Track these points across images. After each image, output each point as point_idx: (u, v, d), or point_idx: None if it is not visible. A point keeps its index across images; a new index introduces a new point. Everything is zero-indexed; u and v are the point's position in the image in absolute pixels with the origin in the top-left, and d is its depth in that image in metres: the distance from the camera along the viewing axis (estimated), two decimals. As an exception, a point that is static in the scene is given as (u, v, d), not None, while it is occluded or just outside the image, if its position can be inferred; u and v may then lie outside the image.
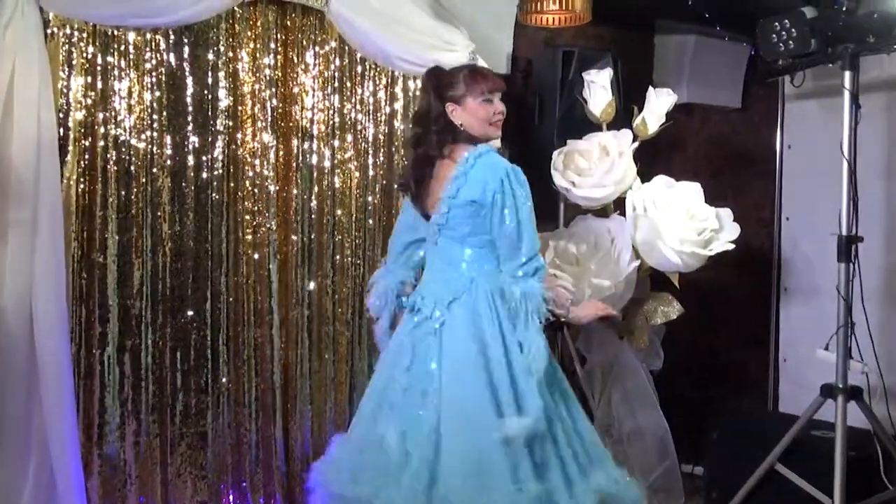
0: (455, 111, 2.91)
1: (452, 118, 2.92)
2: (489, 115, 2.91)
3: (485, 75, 2.97)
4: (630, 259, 3.80)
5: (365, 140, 3.98)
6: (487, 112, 2.90)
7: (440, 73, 3.02)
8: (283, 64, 3.79)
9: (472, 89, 2.90)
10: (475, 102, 2.90)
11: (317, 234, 3.90)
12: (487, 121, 2.91)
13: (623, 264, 3.79)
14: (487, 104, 2.91)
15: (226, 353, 3.73)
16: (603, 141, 3.92)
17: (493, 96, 2.92)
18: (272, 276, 3.78)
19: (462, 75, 2.96)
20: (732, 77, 5.00)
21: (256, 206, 3.75)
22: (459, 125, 2.92)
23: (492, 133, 2.96)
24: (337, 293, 3.94)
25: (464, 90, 2.91)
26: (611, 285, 3.75)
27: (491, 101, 2.92)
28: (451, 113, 2.92)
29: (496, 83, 2.95)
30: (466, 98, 2.90)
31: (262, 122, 3.74)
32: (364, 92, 3.97)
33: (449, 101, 2.92)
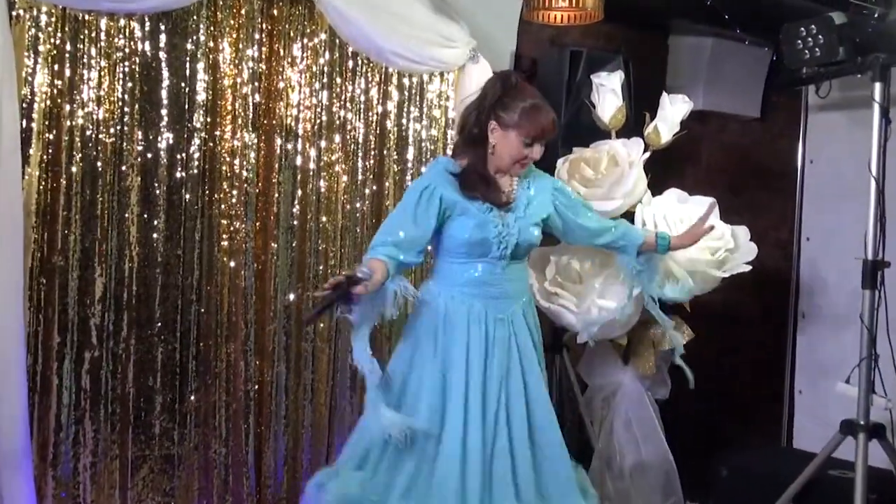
0: (496, 131, 3.05)
1: (489, 135, 3.06)
2: (521, 156, 3.05)
3: (542, 122, 3.06)
4: (638, 278, 3.81)
5: (354, 141, 3.98)
6: (521, 153, 3.05)
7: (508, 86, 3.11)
8: (267, 56, 3.78)
9: (523, 127, 3.03)
10: (518, 139, 3.03)
11: (299, 242, 3.89)
12: (516, 160, 3.06)
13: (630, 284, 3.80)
14: (527, 147, 3.05)
15: (195, 369, 3.71)
16: (612, 149, 3.93)
17: (535, 142, 3.05)
18: (248, 287, 3.77)
19: (522, 108, 3.04)
20: (752, 84, 5.03)
21: (234, 210, 3.74)
22: (492, 144, 3.06)
23: (512, 171, 3.11)
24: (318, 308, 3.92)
25: (516, 121, 3.03)
26: (616, 306, 3.75)
27: (531, 146, 3.05)
28: (490, 131, 3.06)
29: (546, 133, 3.06)
30: (512, 130, 3.03)
31: (243, 118, 3.74)
32: (355, 89, 3.96)
33: (496, 119, 3.05)
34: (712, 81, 4.87)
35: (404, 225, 3.00)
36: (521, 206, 3.12)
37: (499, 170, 3.11)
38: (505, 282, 3.10)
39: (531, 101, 3.07)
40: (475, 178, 3.06)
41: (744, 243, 3.91)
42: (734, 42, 4.85)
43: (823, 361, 4.58)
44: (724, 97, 4.96)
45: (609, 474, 4.03)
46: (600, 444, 4.07)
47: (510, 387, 3.03)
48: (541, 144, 3.07)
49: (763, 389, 5.09)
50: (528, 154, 3.05)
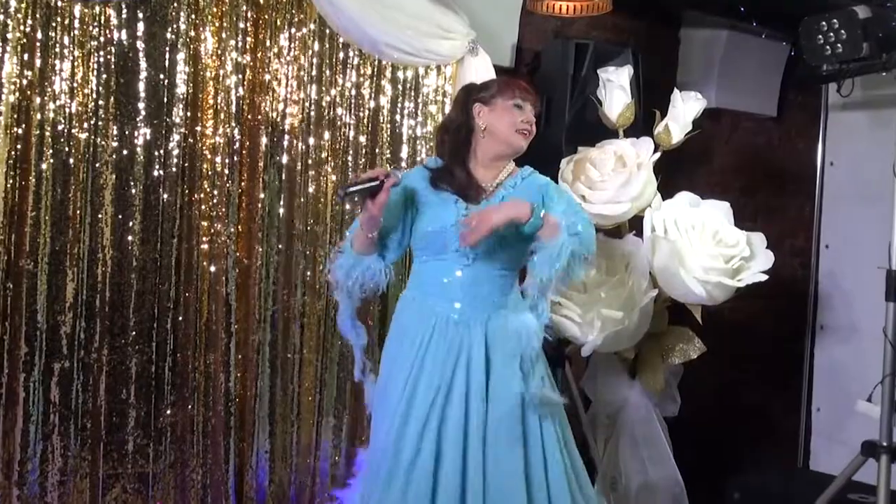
0: (482, 112, 3.08)
1: (478, 120, 3.07)
2: (516, 120, 3.05)
3: (521, 83, 3.15)
4: (646, 288, 3.82)
5: (345, 138, 3.98)
6: (515, 117, 3.05)
7: (472, 83, 3.27)
8: (252, 47, 3.78)
9: (504, 91, 3.08)
10: (505, 104, 3.06)
11: (285, 245, 3.89)
12: (514, 126, 3.05)
13: (638, 294, 3.81)
14: (517, 110, 3.06)
15: (171, 382, 3.69)
16: (619, 150, 3.94)
17: (525, 104, 3.07)
18: (230, 293, 3.77)
19: (497, 80, 3.20)
20: (768, 81, 5.06)
21: (215, 211, 3.73)
22: (483, 128, 3.06)
23: (516, 141, 3.06)
24: (306, 315, 3.93)
25: (495, 91, 3.09)
26: (623, 317, 3.77)
27: (521, 109, 3.07)
28: (477, 115, 3.08)
29: (530, 93, 3.11)
30: (496, 98, 3.07)
31: (226, 113, 3.73)
32: (346, 83, 3.96)
33: (477, 101, 3.09)
34: (726, 77, 4.88)
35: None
36: (496, 199, 3.05)
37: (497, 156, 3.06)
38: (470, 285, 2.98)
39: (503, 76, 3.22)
40: (449, 170, 3.07)
41: (760, 251, 3.93)
42: (750, 35, 4.86)
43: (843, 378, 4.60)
44: (739, 94, 4.97)
45: (614, 497, 4.04)
46: (604, 465, 4.08)
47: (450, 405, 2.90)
48: (531, 107, 3.08)
49: (778, 407, 5.10)
50: (523, 117, 3.05)
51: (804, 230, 5.12)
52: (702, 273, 3.76)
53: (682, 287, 3.79)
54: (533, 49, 4.48)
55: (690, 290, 3.78)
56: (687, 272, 3.76)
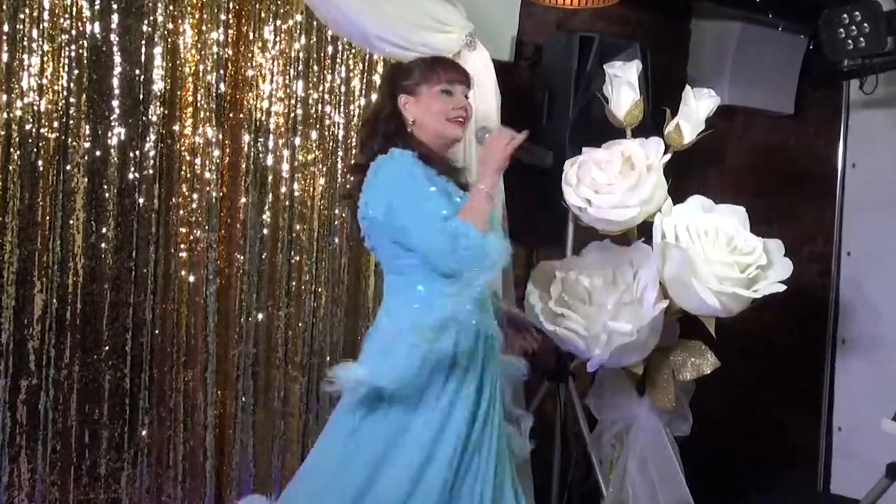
0: (408, 104, 3.01)
1: (405, 113, 3.01)
2: (446, 108, 3.00)
3: (445, 63, 3.11)
4: (656, 299, 3.84)
5: (334, 138, 4.03)
6: (445, 105, 3.00)
7: (397, 66, 3.20)
8: (234, 40, 3.82)
9: (429, 77, 3.02)
10: (431, 91, 3.00)
11: (269, 253, 3.93)
12: (444, 115, 2.99)
13: (647, 305, 3.83)
14: (446, 96, 3.01)
15: (147, 400, 3.73)
16: (627, 150, 3.96)
17: (453, 87, 3.02)
18: (210, 305, 3.80)
19: (419, 62, 3.10)
20: (785, 76, 5.09)
21: (194, 217, 3.78)
22: (412, 122, 3.00)
23: (449, 131, 3.01)
24: (291, 328, 3.97)
25: (419, 78, 3.03)
26: (631, 330, 3.79)
27: (451, 94, 3.02)
28: (403, 107, 3.01)
29: (459, 73, 3.07)
30: (421, 87, 3.01)
31: (206, 111, 3.78)
32: (335, 79, 4.02)
33: (402, 91, 3.03)
34: (740, 72, 4.92)
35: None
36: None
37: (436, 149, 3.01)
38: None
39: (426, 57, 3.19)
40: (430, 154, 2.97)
41: (778, 259, 3.94)
42: (765, 28, 4.90)
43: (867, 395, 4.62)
44: (754, 90, 5.01)
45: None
46: (611, 489, 4.09)
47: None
48: (463, 88, 3.04)
49: (797, 426, 5.12)
50: (454, 104, 3.00)
51: (824, 236, 5.15)
52: (716, 283, 3.77)
53: (694, 298, 3.80)
54: (534, 42, 4.52)
55: (703, 302, 3.79)
56: (700, 282, 3.77)
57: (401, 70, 3.12)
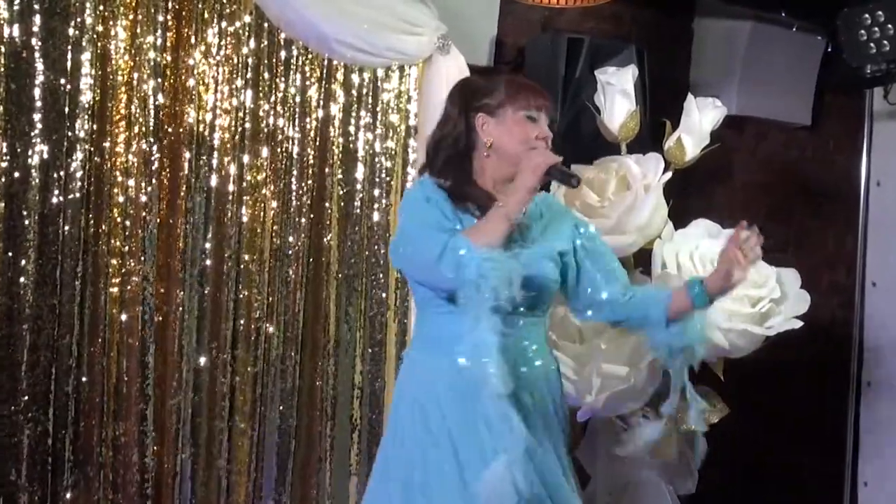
0: (487, 125, 3.08)
1: (482, 134, 3.09)
2: (530, 136, 3.07)
3: (532, 87, 3.17)
4: (656, 337, 3.89)
5: (287, 156, 4.06)
6: (529, 131, 3.07)
7: (472, 80, 3.30)
8: (174, 44, 3.85)
9: (515, 99, 3.09)
10: (516, 115, 3.08)
11: (213, 287, 3.95)
12: (527, 143, 3.06)
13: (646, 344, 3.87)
14: (531, 123, 3.09)
15: (72, 458, 3.72)
16: (622, 168, 4.00)
17: (539, 115, 3.10)
18: (145, 347, 3.81)
19: (505, 80, 3.17)
20: (801, 82, 5.13)
21: (127, 246, 3.79)
22: (488, 144, 3.08)
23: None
24: (238, 374, 3.98)
25: (503, 98, 3.10)
26: (628, 373, 3.83)
27: (535, 121, 3.10)
28: (480, 127, 3.09)
29: (546, 100, 3.14)
30: (506, 108, 3.09)
31: (142, 125, 3.79)
32: (288, 88, 4.05)
33: (481, 110, 3.10)
34: (750, 78, 4.97)
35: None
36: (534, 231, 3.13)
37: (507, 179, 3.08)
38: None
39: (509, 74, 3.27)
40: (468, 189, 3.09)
41: (793, 291, 3.99)
42: (778, 27, 4.96)
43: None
44: (766, 99, 5.06)
45: None
46: (607, 555, 4.13)
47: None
48: (546, 117, 3.11)
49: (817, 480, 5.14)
50: (538, 133, 3.07)
51: (846, 264, 5.20)
52: (723, 319, 3.81)
53: None
54: (515, 45, 4.56)
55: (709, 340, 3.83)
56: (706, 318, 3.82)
57: (478, 86, 3.19)
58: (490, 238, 2.88)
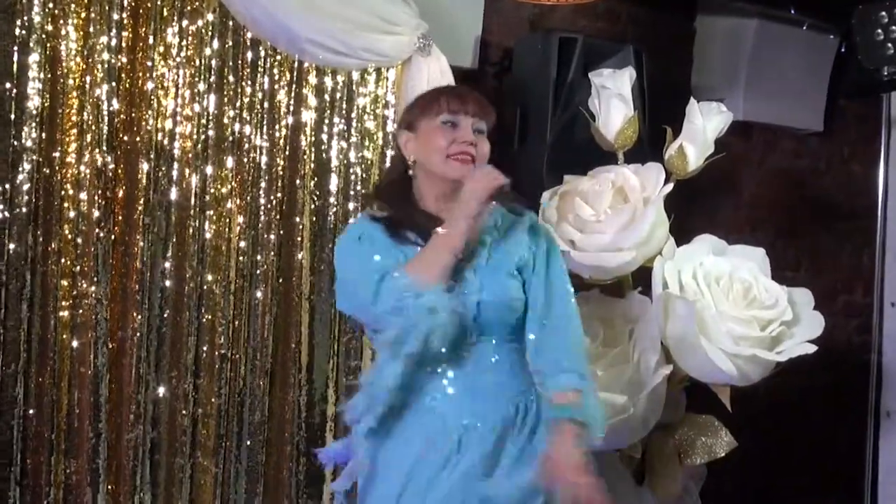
0: (409, 142, 3.10)
1: (405, 153, 3.10)
2: (446, 143, 3.04)
3: (453, 90, 3.20)
4: (657, 364, 3.89)
5: (254, 166, 4.08)
6: (444, 139, 3.04)
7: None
8: (130, 45, 3.87)
9: (429, 106, 3.09)
10: (430, 125, 3.07)
11: (173, 311, 3.96)
12: (444, 151, 3.04)
13: (646, 371, 3.88)
14: (448, 128, 3.06)
15: (19, 498, 3.70)
16: (619, 179, 4.01)
17: (458, 118, 3.07)
18: (99, 377, 3.81)
19: (423, 94, 3.20)
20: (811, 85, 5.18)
21: (79, 266, 3.79)
22: (412, 162, 3.09)
23: (451, 172, 3.05)
24: (201, 405, 4.00)
25: (418, 110, 3.11)
26: (627, 403, 3.84)
27: (454, 125, 3.06)
28: (404, 145, 3.11)
29: (466, 102, 3.10)
30: (420, 120, 3.09)
31: (95, 134, 3.80)
32: (255, 92, 4.08)
33: (402, 128, 3.13)
34: (757, 81, 5.02)
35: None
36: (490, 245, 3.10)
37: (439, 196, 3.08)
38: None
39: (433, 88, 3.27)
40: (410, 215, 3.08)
41: (806, 312, 4.00)
42: (787, 26, 5.02)
43: (918, 478, 4.69)
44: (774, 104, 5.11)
45: None
46: None
47: None
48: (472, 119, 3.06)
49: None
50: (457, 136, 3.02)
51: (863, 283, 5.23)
52: (730, 344, 3.83)
53: (704, 362, 3.84)
54: (502, 45, 4.61)
55: (716, 367, 3.83)
56: (711, 343, 3.82)
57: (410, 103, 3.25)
58: (431, 271, 2.88)
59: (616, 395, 3.84)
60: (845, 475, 5.17)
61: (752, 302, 3.93)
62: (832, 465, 5.17)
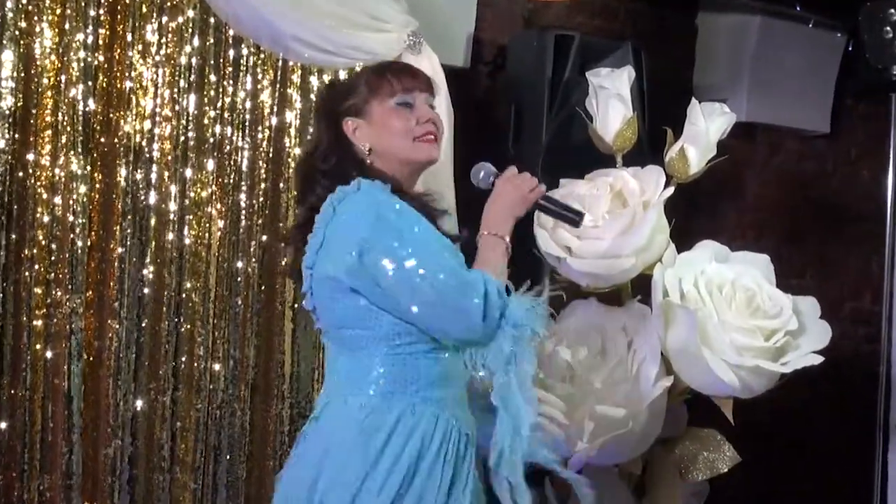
0: (358, 130, 3.04)
1: (356, 141, 3.04)
2: (409, 125, 3.02)
3: (395, 68, 3.15)
4: (657, 375, 3.90)
5: (236, 169, 4.09)
6: (406, 121, 3.03)
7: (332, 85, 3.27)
8: (107, 43, 3.88)
9: (379, 88, 3.05)
10: (385, 106, 3.03)
11: (151, 320, 3.97)
12: (409, 134, 3.02)
13: (646, 383, 3.88)
14: (405, 109, 3.04)
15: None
16: (618, 183, 4.03)
17: (413, 97, 3.06)
18: (73, 389, 3.82)
19: (366, 75, 3.15)
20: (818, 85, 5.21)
21: (53, 273, 3.80)
22: (367, 150, 3.04)
23: (420, 153, 3.05)
24: (180, 418, 4.00)
25: (366, 93, 3.06)
26: (626, 416, 3.85)
27: (411, 105, 3.05)
28: (352, 134, 3.04)
29: (416, 78, 3.11)
30: (371, 103, 3.04)
31: (70, 135, 3.81)
32: (237, 92, 4.09)
33: (346, 115, 3.05)
34: (761, 81, 5.03)
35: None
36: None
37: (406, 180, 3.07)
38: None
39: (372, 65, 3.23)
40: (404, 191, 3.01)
41: (812, 321, 4.00)
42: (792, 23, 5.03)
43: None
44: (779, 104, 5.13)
45: None
46: None
47: None
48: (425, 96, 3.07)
49: (840, 537, 5.21)
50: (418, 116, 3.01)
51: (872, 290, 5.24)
52: (733, 355, 3.84)
53: (706, 374, 3.85)
54: (496, 43, 4.62)
55: (718, 379, 3.83)
56: (713, 353, 3.83)
57: (339, 88, 3.15)
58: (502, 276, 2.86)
59: (614, 408, 3.84)
60: (852, 491, 5.17)
61: (756, 311, 3.92)
62: (839, 480, 5.19)
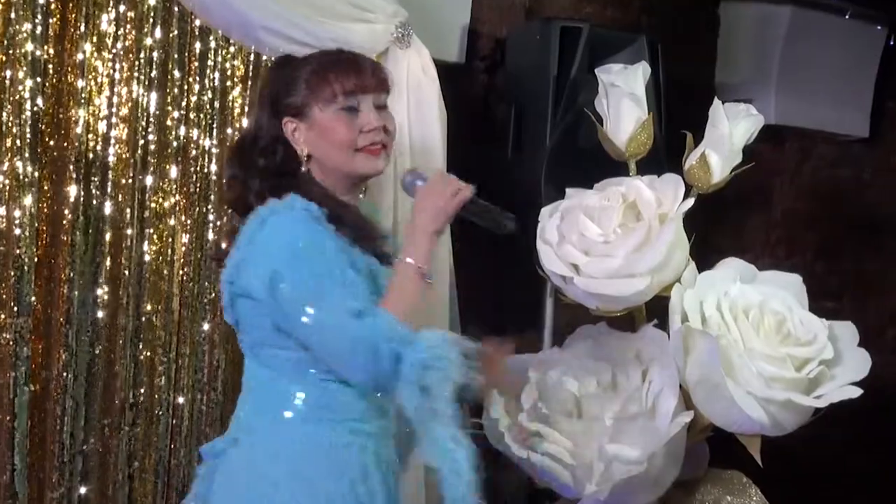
0: (297, 132, 3.06)
1: (295, 144, 3.07)
2: (352, 134, 3.04)
3: (340, 65, 3.11)
4: (675, 410, 3.90)
5: (202, 176, 4.10)
6: (349, 129, 3.04)
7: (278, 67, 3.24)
8: (57, 33, 3.88)
9: (319, 90, 3.05)
10: (326, 114, 3.04)
11: (105, 346, 3.97)
12: (351, 144, 3.04)
13: (662, 419, 3.89)
14: (348, 115, 3.05)
15: (-76, 569, 3.73)
16: (631, 193, 4.03)
17: (358, 100, 3.06)
18: (18, 426, 3.82)
19: (306, 66, 3.13)
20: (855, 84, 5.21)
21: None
22: (305, 156, 3.07)
23: (362, 166, 3.08)
24: (137, 457, 4.01)
25: (306, 93, 3.06)
26: (640, 456, 3.85)
27: (356, 111, 3.05)
28: (291, 135, 3.07)
29: (362, 76, 3.09)
30: (311, 107, 3.05)
31: (16, 138, 3.82)
32: (205, 89, 4.10)
33: (286, 113, 3.07)
34: (790, 78, 5.05)
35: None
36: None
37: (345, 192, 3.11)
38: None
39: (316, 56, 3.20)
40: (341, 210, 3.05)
41: (849, 349, 4.00)
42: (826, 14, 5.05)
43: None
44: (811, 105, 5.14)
45: None
46: None
47: None
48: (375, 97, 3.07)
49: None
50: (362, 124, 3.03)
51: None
52: (761, 387, 3.83)
53: (730, 408, 3.85)
54: (494, 36, 4.64)
55: (744, 414, 3.83)
56: (738, 385, 3.83)
57: (282, 78, 3.15)
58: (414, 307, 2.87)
59: (627, 447, 3.85)
60: (895, 539, 5.20)
61: (787, 337, 3.92)
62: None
